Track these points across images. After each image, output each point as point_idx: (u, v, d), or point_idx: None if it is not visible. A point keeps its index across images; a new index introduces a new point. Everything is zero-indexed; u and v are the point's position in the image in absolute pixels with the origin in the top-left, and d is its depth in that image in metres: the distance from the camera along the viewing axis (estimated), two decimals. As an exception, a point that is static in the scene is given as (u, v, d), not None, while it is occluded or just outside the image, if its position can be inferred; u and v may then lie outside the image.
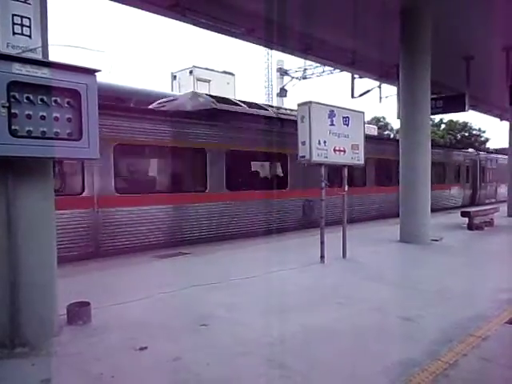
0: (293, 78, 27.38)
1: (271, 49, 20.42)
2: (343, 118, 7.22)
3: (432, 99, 10.41)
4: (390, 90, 16.31)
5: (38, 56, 3.49)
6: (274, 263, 6.80)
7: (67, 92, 3.51)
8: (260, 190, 10.51)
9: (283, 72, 28.02)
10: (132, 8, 9.27)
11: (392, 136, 39.20)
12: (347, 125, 7.28)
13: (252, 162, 10.96)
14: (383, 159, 14.16)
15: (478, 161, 21.99)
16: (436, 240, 9.29)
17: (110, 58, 3.77)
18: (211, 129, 9.36)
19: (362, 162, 7.68)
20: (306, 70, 26.16)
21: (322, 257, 7.01)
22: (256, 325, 4.13)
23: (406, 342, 3.74)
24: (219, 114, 9.64)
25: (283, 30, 10.41)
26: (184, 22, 9.76)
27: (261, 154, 10.69)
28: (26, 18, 3.44)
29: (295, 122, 7.06)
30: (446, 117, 42.06)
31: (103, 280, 5.93)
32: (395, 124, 43.01)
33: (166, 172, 9.37)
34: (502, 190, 22.66)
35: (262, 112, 11.02)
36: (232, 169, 9.83)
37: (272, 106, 13.22)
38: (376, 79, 15.56)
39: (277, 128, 10.76)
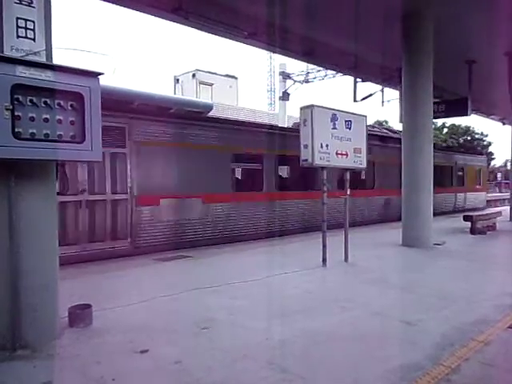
0: (295, 81, 27.34)
1: (273, 52, 20.42)
2: (345, 121, 7.21)
3: (434, 103, 10.43)
4: (393, 94, 16.31)
5: (42, 59, 3.51)
6: (276, 266, 6.79)
7: (70, 95, 3.53)
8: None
9: (286, 75, 27.93)
10: (135, 11, 9.32)
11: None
12: (349, 128, 7.27)
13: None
14: None
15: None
16: (439, 244, 9.26)
17: (113, 61, 3.78)
18: None
19: (364, 165, 7.66)
20: (308, 73, 26.11)
21: (324, 260, 7.00)
22: (258, 328, 4.11)
23: (408, 346, 3.72)
24: None
25: (285, 34, 10.43)
26: (187, 25, 9.78)
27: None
28: (30, 21, 3.46)
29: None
30: (449, 121, 42.02)
31: (105, 282, 5.94)
32: (397, 127, 42.96)
33: None
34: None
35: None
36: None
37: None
38: (378, 83, 15.53)
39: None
